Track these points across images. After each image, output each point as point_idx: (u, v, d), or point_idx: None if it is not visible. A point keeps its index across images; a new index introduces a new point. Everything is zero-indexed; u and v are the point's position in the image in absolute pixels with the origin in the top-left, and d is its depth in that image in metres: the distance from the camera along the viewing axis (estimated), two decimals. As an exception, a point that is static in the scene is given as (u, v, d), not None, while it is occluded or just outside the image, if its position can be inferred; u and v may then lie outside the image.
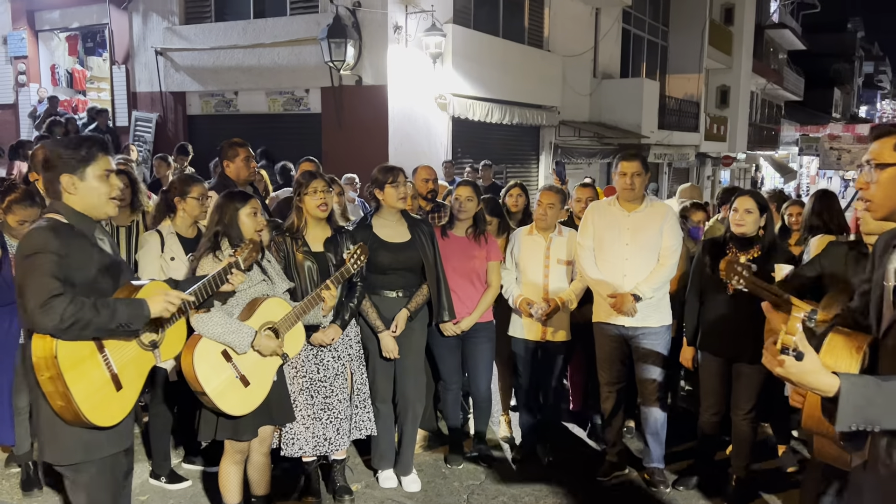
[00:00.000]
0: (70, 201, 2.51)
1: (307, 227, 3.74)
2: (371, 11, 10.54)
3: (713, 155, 24.79)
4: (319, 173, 3.87)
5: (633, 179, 4.03)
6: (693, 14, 20.97)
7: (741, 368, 3.90)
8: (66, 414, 2.43)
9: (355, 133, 10.80)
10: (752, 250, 3.84)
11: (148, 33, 12.61)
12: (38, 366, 2.39)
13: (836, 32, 44.32)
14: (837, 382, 1.62)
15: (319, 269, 3.69)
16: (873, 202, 1.89)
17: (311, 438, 3.71)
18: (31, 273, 2.36)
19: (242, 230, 3.28)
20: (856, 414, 1.62)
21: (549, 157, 15.37)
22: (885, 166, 1.84)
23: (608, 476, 4.35)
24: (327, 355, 3.74)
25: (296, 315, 3.31)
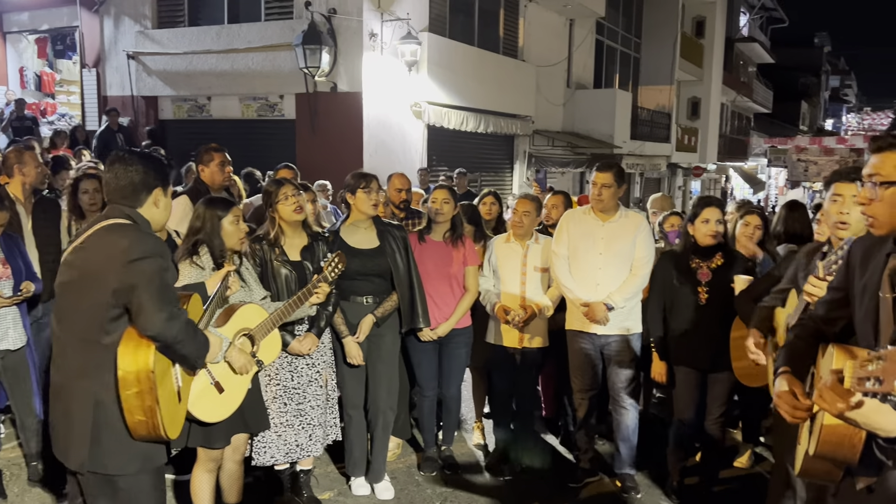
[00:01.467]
0: (149, 214, 2.53)
1: (283, 235, 3.71)
2: (346, 18, 10.54)
3: (684, 165, 25.14)
4: (287, 179, 3.84)
5: (602, 191, 4.06)
6: (665, 26, 21.30)
7: (715, 377, 3.93)
8: (141, 428, 2.37)
9: (330, 140, 10.77)
10: (715, 258, 3.91)
11: (119, 36, 12.47)
12: (125, 381, 2.32)
13: (804, 47, 45.25)
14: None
15: (297, 277, 3.65)
16: (877, 219, 1.85)
17: (282, 446, 3.67)
18: (151, 277, 2.33)
19: (225, 239, 3.23)
20: None
21: (524, 165, 15.47)
22: (890, 184, 1.80)
23: (580, 482, 4.37)
24: (301, 363, 3.72)
25: (272, 322, 3.27)
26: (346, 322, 3.91)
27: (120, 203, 2.49)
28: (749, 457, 4.76)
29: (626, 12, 19.94)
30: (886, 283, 1.84)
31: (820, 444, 1.77)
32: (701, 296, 3.88)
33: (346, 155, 10.38)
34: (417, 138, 11.87)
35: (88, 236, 2.43)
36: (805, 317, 2.25)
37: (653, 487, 4.38)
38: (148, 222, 2.53)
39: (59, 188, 6.29)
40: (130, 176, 2.48)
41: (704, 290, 3.88)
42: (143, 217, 2.51)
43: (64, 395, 2.43)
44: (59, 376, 2.45)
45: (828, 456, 1.80)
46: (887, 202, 1.80)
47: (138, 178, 2.48)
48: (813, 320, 2.18)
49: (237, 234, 3.26)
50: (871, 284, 1.90)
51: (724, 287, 3.80)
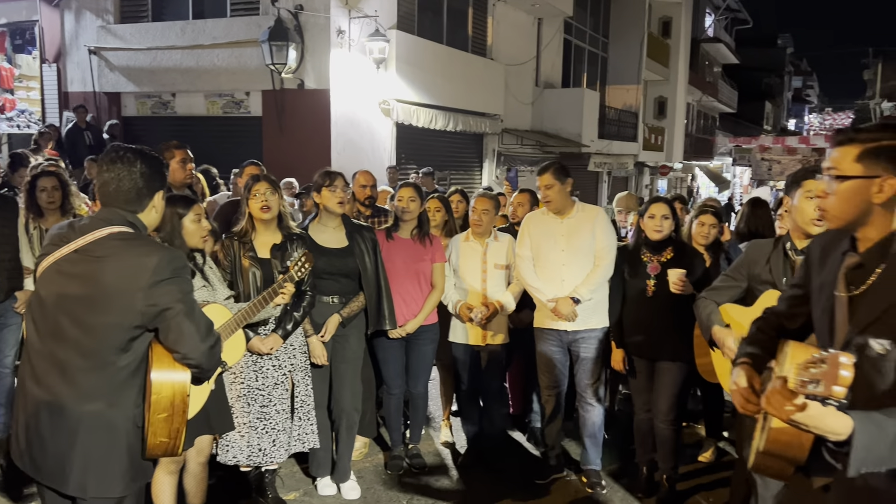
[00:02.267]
0: (148, 218, 2.36)
1: (255, 231, 3.67)
2: (314, 15, 10.45)
3: (651, 164, 25.43)
4: (266, 175, 3.79)
5: (546, 192, 4.15)
6: (632, 26, 21.51)
7: (662, 366, 4.01)
8: (160, 449, 2.27)
9: (297, 137, 10.68)
10: (665, 253, 3.99)
11: (81, 31, 12.21)
12: (158, 404, 2.20)
13: (768, 48, 46.03)
14: (851, 423, 1.53)
15: (264, 276, 3.60)
16: (828, 212, 1.84)
17: (245, 448, 3.61)
18: (185, 300, 2.20)
19: (186, 238, 3.16)
20: (867, 457, 1.55)
21: (493, 164, 15.51)
22: (844, 178, 1.79)
23: (547, 479, 4.40)
24: (267, 363, 3.66)
25: (236, 322, 3.20)
26: (312, 321, 3.87)
27: (121, 207, 2.28)
28: (713, 451, 4.83)
29: (593, 12, 20.10)
30: (842, 281, 1.85)
31: (769, 442, 1.77)
32: (649, 288, 4.00)
33: (314, 153, 10.29)
34: (386, 136, 11.83)
35: (93, 244, 2.20)
36: (767, 311, 2.25)
37: (620, 483, 4.42)
38: (146, 228, 2.37)
39: (17, 186, 6.14)
40: (135, 179, 2.27)
41: (652, 283, 3.99)
42: (142, 223, 2.33)
43: (61, 416, 2.21)
44: (46, 394, 2.23)
45: (777, 454, 1.80)
46: (840, 196, 1.80)
47: (143, 181, 2.29)
48: (775, 315, 2.19)
49: (199, 233, 3.19)
50: (828, 283, 1.90)
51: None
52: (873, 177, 1.75)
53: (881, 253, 1.78)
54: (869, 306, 1.75)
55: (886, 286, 1.74)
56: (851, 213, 1.80)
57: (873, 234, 1.81)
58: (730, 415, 5.03)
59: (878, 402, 1.68)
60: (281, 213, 3.69)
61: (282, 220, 3.70)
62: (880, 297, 1.74)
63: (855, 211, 1.79)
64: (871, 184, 1.75)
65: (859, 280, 1.81)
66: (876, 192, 1.75)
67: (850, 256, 1.85)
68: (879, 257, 1.78)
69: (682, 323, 3.88)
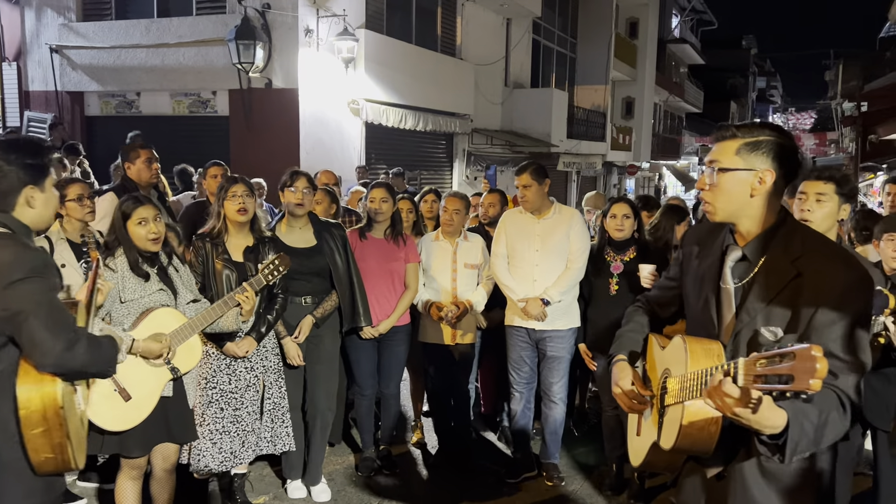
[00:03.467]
0: (27, 217, 2.15)
1: (227, 233, 3.60)
2: (281, 14, 10.36)
3: (619, 164, 25.68)
4: (242, 177, 3.73)
5: (524, 191, 4.17)
6: (600, 27, 21.69)
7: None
8: (49, 465, 2.09)
9: (265, 137, 10.57)
10: (629, 252, 4.05)
11: (42, 29, 11.96)
12: (29, 420, 2.01)
13: (732, 49, 46.75)
14: (786, 416, 1.57)
15: (239, 278, 3.53)
16: (711, 204, 1.89)
17: (217, 454, 3.54)
18: (39, 302, 1.99)
19: (135, 241, 3.08)
20: (798, 444, 1.60)
21: (463, 163, 15.53)
22: (725, 170, 1.85)
23: (517, 477, 4.41)
24: (240, 366, 3.60)
25: (191, 327, 3.10)
26: (285, 323, 3.83)
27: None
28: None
29: (561, 12, 20.22)
30: (728, 274, 1.90)
31: (679, 440, 1.79)
32: (612, 287, 4.05)
33: (282, 152, 10.21)
34: (355, 136, 11.77)
35: None
36: (641, 299, 2.34)
37: (590, 480, 4.44)
38: (26, 227, 2.16)
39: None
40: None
41: (615, 282, 4.05)
42: (18, 222, 2.13)
43: None
44: None
45: (685, 448, 1.84)
46: (723, 188, 1.85)
47: (1, 175, 2.09)
48: (648, 302, 2.29)
49: (144, 235, 3.08)
50: (711, 274, 1.96)
51: (634, 279, 3.93)
52: (752, 169, 1.82)
53: (763, 245, 1.85)
54: (756, 296, 1.82)
55: (770, 277, 1.82)
56: (733, 205, 1.86)
57: (753, 227, 1.87)
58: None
59: None
60: (254, 215, 3.64)
61: (254, 223, 3.65)
62: (766, 287, 1.81)
63: (736, 202, 1.85)
64: (752, 176, 1.82)
65: (744, 272, 1.88)
66: (756, 183, 1.82)
67: (734, 249, 1.91)
68: (762, 250, 1.85)
69: None
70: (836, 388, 1.67)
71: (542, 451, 4.43)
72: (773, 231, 1.86)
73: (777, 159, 1.82)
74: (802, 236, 1.85)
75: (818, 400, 1.62)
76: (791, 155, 1.84)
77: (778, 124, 1.94)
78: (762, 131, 1.84)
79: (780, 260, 1.81)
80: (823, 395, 1.62)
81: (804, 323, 1.74)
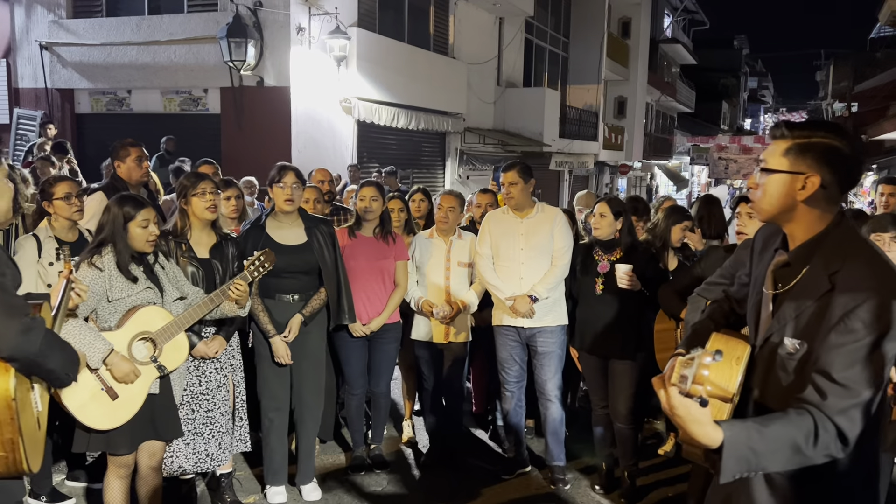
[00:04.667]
0: None
1: (192, 231, 3.55)
2: (273, 11, 10.33)
3: (611, 163, 25.74)
4: (208, 176, 3.69)
5: (510, 189, 4.17)
6: (592, 27, 21.73)
7: (614, 366, 4.07)
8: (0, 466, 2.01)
9: (256, 135, 10.54)
10: (616, 252, 4.06)
11: (32, 26, 11.88)
12: None
13: (724, 49, 46.94)
14: (721, 437, 1.55)
15: (206, 276, 3.50)
16: (756, 204, 1.84)
17: (191, 455, 3.51)
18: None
19: (131, 241, 3.05)
20: (739, 465, 1.58)
21: (455, 162, 15.52)
22: (770, 172, 1.78)
23: (512, 474, 4.41)
24: (210, 367, 3.57)
25: (178, 325, 3.09)
26: (273, 321, 3.81)
27: None
28: (672, 445, 4.90)
29: (554, 12, 20.24)
30: (770, 279, 1.86)
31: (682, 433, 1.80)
32: (597, 286, 4.06)
33: (274, 151, 10.16)
34: (347, 134, 11.74)
35: None
36: (723, 294, 2.27)
37: (581, 478, 4.45)
38: None
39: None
40: None
41: (600, 281, 4.07)
42: None
43: None
44: None
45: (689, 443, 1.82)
46: (766, 189, 1.79)
47: None
48: (728, 299, 2.22)
49: (144, 237, 3.07)
50: (759, 278, 1.93)
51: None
52: (797, 173, 1.74)
53: (808, 254, 1.78)
54: (790, 306, 1.77)
55: (807, 287, 1.75)
56: (776, 207, 1.79)
57: (800, 232, 1.80)
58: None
59: (786, 395, 1.73)
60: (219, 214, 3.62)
61: (216, 221, 3.62)
62: (801, 297, 1.75)
63: (779, 205, 1.78)
64: (796, 180, 1.74)
65: (786, 279, 1.82)
66: (799, 188, 1.74)
67: (780, 254, 1.86)
68: (806, 258, 1.78)
69: (630, 321, 3.96)
70: (816, 411, 1.61)
71: (546, 453, 4.41)
72: (820, 239, 1.76)
73: (828, 164, 1.71)
74: (848, 249, 1.74)
75: (786, 420, 1.60)
76: (847, 160, 1.72)
77: (839, 125, 1.82)
78: (815, 132, 1.73)
79: (820, 271, 1.73)
80: (794, 417, 1.61)
81: (821, 338, 1.67)
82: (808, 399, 1.64)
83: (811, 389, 1.64)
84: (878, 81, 23.06)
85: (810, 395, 1.64)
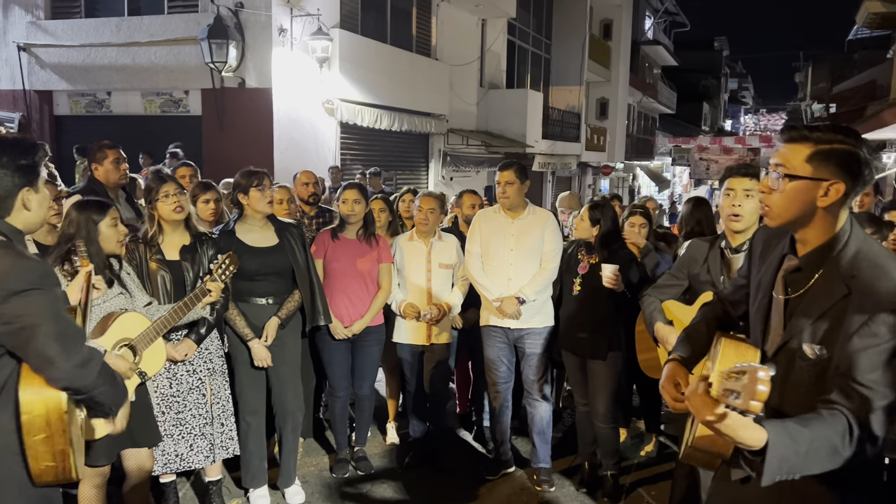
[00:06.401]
0: (21, 221, 2.04)
1: (163, 233, 3.52)
2: (254, 13, 10.27)
3: (594, 164, 25.84)
4: (169, 176, 3.66)
5: (506, 188, 4.16)
6: (574, 28, 21.81)
7: (593, 365, 4.09)
8: (48, 474, 2.00)
9: (238, 137, 10.47)
10: (594, 256, 4.08)
11: (9, 27, 11.73)
12: (31, 426, 1.93)
13: (705, 50, 47.29)
14: (765, 437, 1.52)
15: (174, 279, 3.47)
16: (772, 209, 1.79)
17: (160, 456, 3.48)
18: (45, 315, 1.89)
19: (103, 244, 3.02)
20: (781, 466, 1.55)
21: (439, 164, 15.52)
22: (794, 178, 1.74)
23: (496, 474, 4.42)
24: (181, 369, 3.53)
25: (156, 330, 3.07)
26: (250, 324, 3.79)
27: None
28: (654, 445, 4.93)
29: (536, 13, 20.31)
30: (780, 284, 1.84)
31: (697, 438, 1.79)
32: (575, 286, 4.10)
33: (256, 152, 10.11)
34: (330, 136, 11.71)
35: None
36: (716, 295, 2.28)
37: (565, 478, 4.46)
38: (21, 233, 2.06)
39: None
40: None
41: (578, 282, 4.10)
42: (14, 228, 2.03)
43: None
44: None
45: (704, 449, 1.81)
46: (787, 195, 1.75)
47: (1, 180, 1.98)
48: (721, 301, 2.21)
49: (116, 237, 3.04)
50: (766, 281, 1.90)
51: (597, 280, 3.96)
52: (822, 179, 1.71)
53: (820, 258, 1.76)
54: (805, 311, 1.75)
55: (822, 292, 1.74)
56: (794, 214, 1.76)
57: (813, 237, 1.78)
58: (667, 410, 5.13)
59: (805, 401, 1.71)
60: (189, 213, 3.58)
61: (189, 220, 3.59)
62: (816, 302, 1.74)
63: (798, 211, 1.76)
64: (818, 186, 1.71)
65: (797, 284, 1.80)
66: (821, 195, 1.72)
67: (790, 259, 1.84)
68: (818, 263, 1.77)
69: (606, 322, 3.98)
70: (847, 412, 1.60)
71: (532, 454, 4.42)
72: (833, 244, 1.75)
73: (849, 170, 1.70)
74: (862, 253, 1.72)
75: (818, 422, 1.59)
76: (865, 165, 1.72)
77: (854, 129, 1.77)
78: (836, 137, 1.71)
79: (834, 276, 1.72)
80: (828, 417, 1.60)
81: (842, 343, 1.65)
82: (835, 401, 1.63)
83: (838, 392, 1.64)
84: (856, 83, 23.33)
85: (837, 398, 1.63)
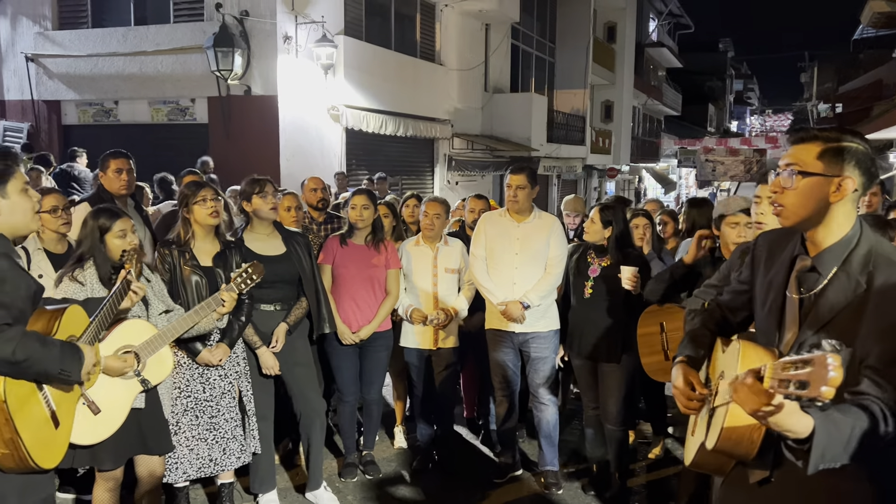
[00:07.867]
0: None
1: (195, 239, 3.57)
2: (259, 21, 10.35)
3: (599, 167, 25.84)
4: (207, 183, 3.72)
5: (517, 192, 4.17)
6: (578, 32, 21.84)
7: (605, 368, 4.08)
8: (8, 461, 2.15)
9: (244, 144, 10.54)
10: (606, 258, 4.07)
11: (17, 38, 11.85)
12: None
13: (709, 52, 47.20)
14: (812, 424, 1.54)
15: (209, 284, 3.51)
16: (786, 208, 1.82)
17: (195, 460, 3.53)
18: None
19: (109, 253, 3.05)
20: (824, 455, 1.56)
21: (444, 168, 15.56)
22: (808, 175, 1.78)
23: (504, 477, 4.43)
24: (213, 374, 3.59)
25: (162, 338, 3.06)
26: (258, 332, 3.82)
27: None
28: (661, 448, 4.93)
29: (540, 17, 20.34)
30: (794, 284, 1.86)
31: (720, 441, 1.79)
32: (586, 289, 4.08)
33: (262, 160, 10.18)
34: (336, 142, 11.77)
35: None
36: (712, 303, 2.28)
37: (572, 480, 4.48)
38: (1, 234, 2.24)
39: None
40: None
41: (589, 285, 4.08)
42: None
43: None
44: None
45: (726, 451, 1.82)
46: (800, 192, 1.79)
47: None
48: (719, 307, 2.22)
49: (122, 247, 3.05)
50: (777, 282, 1.92)
51: (609, 283, 3.97)
52: (833, 175, 1.76)
53: (835, 257, 1.79)
54: (822, 309, 1.77)
55: (839, 290, 1.76)
56: (808, 211, 1.79)
57: (825, 236, 1.81)
58: (674, 413, 5.14)
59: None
60: (223, 221, 3.63)
61: (218, 228, 3.64)
62: (833, 300, 1.76)
63: (812, 209, 1.79)
64: (830, 182, 1.76)
65: (812, 283, 1.82)
66: (833, 191, 1.76)
67: (802, 259, 1.86)
68: (832, 261, 1.79)
69: (618, 325, 3.97)
70: (881, 401, 1.63)
71: (540, 457, 4.43)
72: (846, 242, 1.79)
73: (858, 166, 1.76)
74: (874, 250, 1.77)
75: (854, 410, 1.61)
76: (872, 163, 1.78)
77: (857, 130, 1.86)
78: (844, 136, 1.78)
79: (850, 274, 1.76)
80: (861, 406, 1.62)
81: (866, 336, 1.69)
82: (866, 392, 1.66)
83: (869, 383, 1.66)
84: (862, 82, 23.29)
85: (869, 388, 1.66)
